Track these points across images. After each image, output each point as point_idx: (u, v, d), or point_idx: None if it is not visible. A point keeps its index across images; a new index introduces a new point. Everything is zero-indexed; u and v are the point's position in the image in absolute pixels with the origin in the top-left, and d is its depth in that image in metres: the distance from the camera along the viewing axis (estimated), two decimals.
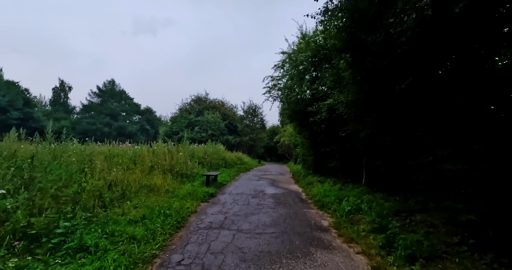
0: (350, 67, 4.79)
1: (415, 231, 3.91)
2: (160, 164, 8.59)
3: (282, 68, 12.59)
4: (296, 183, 11.07)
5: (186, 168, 9.59)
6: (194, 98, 37.36)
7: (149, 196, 5.76)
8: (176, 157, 10.25)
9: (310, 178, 11.42)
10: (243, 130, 34.48)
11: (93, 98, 48.65)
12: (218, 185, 8.63)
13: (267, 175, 13.67)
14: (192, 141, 23.94)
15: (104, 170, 5.75)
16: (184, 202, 5.50)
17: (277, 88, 13.04)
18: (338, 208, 5.75)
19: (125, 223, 3.77)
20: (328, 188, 8.42)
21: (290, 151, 33.75)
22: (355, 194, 7.10)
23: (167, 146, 11.95)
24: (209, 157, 13.30)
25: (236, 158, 18.24)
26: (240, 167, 15.62)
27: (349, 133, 8.54)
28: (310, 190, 8.69)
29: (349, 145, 9.07)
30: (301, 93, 10.44)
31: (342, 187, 8.71)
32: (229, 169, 14.02)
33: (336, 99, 6.80)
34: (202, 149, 13.90)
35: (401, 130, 5.04)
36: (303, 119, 11.79)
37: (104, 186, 4.90)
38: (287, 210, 5.75)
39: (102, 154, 8.30)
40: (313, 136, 11.28)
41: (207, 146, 15.79)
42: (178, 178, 8.27)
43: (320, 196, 7.25)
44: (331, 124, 9.51)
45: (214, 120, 32.66)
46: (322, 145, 10.63)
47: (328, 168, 11.21)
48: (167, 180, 7.54)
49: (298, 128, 13.39)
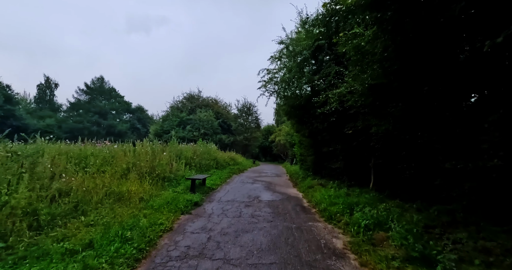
0: (380, 31, 3.53)
1: (471, 260, 2.82)
2: (139, 165, 7.36)
3: (279, 60, 11.45)
4: (295, 187, 9.97)
5: (170, 171, 8.37)
6: (187, 96, 35.99)
7: (114, 207, 4.55)
8: (159, 158, 9.03)
9: (310, 180, 10.33)
10: (237, 129, 33.29)
11: (80, 96, 46.69)
12: (206, 190, 7.44)
13: (262, 177, 12.54)
14: (184, 140, 22.69)
15: (56, 176, 4.50)
16: (158, 216, 4.31)
17: (273, 82, 11.90)
18: (351, 221, 4.65)
19: (57, 256, 2.57)
20: (332, 193, 7.33)
21: (285, 150, 32.73)
22: (366, 201, 6.03)
23: (151, 145, 10.73)
24: (198, 158, 12.08)
25: (229, 158, 17.05)
26: (233, 168, 14.44)
27: (356, 130, 7.48)
28: (312, 195, 7.59)
29: (356, 144, 8.01)
30: (300, 86, 9.32)
31: (348, 192, 7.64)
32: (220, 171, 12.83)
33: (348, 87, 5.66)
34: (191, 149, 12.67)
35: (448, 125, 3.88)
36: (302, 115, 10.69)
37: (46, 199, 3.67)
38: (288, 224, 4.61)
39: (71, 155, 7.09)
40: (313, 134, 10.19)
41: (198, 146, 14.57)
42: (159, 183, 7.05)
43: (325, 203, 6.15)
44: (336, 120, 8.43)
45: (207, 118, 31.37)
46: (324, 144, 9.54)
47: (329, 169, 10.14)
48: (144, 185, 6.32)
49: (296, 125, 12.29)
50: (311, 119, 9.64)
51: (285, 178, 12.91)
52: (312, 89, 9.34)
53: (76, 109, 46.98)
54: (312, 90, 9.44)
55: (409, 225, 4.07)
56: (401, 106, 4.16)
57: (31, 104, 45.52)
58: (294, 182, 11.11)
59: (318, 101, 7.30)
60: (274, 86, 12.16)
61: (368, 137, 7.53)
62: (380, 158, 7.62)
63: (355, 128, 7.49)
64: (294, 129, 13.25)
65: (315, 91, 9.25)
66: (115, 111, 53.12)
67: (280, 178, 12.47)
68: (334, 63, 8.12)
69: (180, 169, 9.12)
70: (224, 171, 13.03)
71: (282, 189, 8.95)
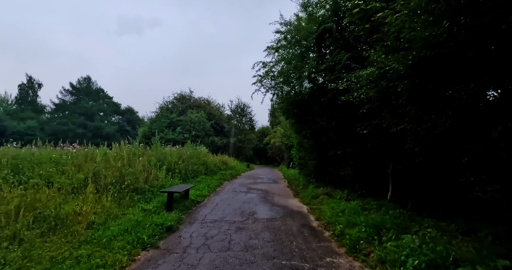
0: None
1: None
2: (103, 174, 5.82)
3: (276, 51, 10.07)
4: (296, 196, 8.54)
5: (146, 180, 6.83)
6: (177, 96, 34.28)
7: (38, 242, 3.02)
8: (135, 164, 7.50)
9: (313, 189, 8.93)
10: (230, 130, 31.78)
11: (65, 96, 44.44)
12: (188, 205, 5.93)
13: (257, 184, 11.08)
14: (174, 143, 21.02)
15: None
16: (100, 258, 2.81)
17: (270, 76, 10.51)
18: (388, 256, 3.25)
19: None
20: (345, 207, 5.95)
21: (280, 153, 31.41)
22: (393, 220, 4.66)
23: (129, 148, 9.21)
24: (185, 163, 10.54)
25: (220, 162, 15.53)
26: (224, 174, 12.93)
27: (372, 129, 6.15)
28: (319, 209, 6.18)
29: (370, 147, 6.66)
30: (302, 78, 7.92)
31: (363, 205, 6.27)
32: (210, 177, 11.31)
33: (379, 68, 4.26)
34: (177, 153, 11.13)
35: None
36: (303, 113, 9.31)
37: None
38: (298, 263, 3.17)
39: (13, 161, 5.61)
40: (317, 134, 8.81)
41: (186, 148, 13.02)
42: (127, 197, 5.51)
43: (340, 223, 4.75)
44: (346, 117, 7.07)
45: (198, 119, 29.76)
46: (330, 147, 8.17)
47: (336, 176, 8.76)
48: (103, 201, 4.79)
49: (295, 125, 10.91)
50: (315, 117, 8.27)
51: (283, 184, 11.49)
52: (316, 81, 7.97)
53: (61, 111, 44.69)
54: (316, 83, 8.07)
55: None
56: (473, 90, 2.75)
57: (12, 105, 43.01)
58: (294, 190, 9.69)
59: (336, 87, 5.84)
60: (270, 81, 10.78)
61: (386, 138, 6.20)
62: (401, 163, 6.29)
63: (370, 127, 6.16)
64: (293, 130, 11.87)
65: (320, 86, 7.91)
66: (103, 113, 50.99)
67: (277, 185, 11.04)
68: (343, 50, 6.76)
69: (160, 178, 7.58)
70: (215, 177, 11.52)
71: (281, 201, 7.51)
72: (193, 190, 7.81)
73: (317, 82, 8.32)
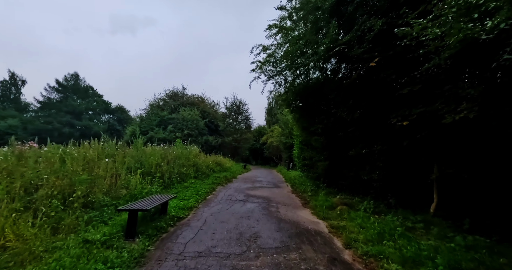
0: None
1: None
2: (40, 184, 4.08)
3: (280, 31, 8.41)
4: (306, 206, 6.89)
5: (109, 189, 5.10)
6: (169, 93, 32.40)
7: None
8: (102, 168, 5.78)
9: (325, 196, 7.31)
10: (225, 129, 30.03)
11: (51, 94, 42.07)
12: (163, 225, 4.21)
13: (257, 189, 9.41)
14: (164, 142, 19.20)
15: None
16: None
17: (271, 62, 8.85)
18: None
19: None
20: (381, 225, 4.35)
21: (278, 153, 29.79)
22: (473, 255, 3.05)
23: (100, 147, 7.52)
24: (170, 165, 8.81)
25: (214, 163, 13.81)
26: (218, 177, 11.21)
27: (414, 120, 4.59)
28: (345, 229, 4.54)
29: (408, 145, 5.06)
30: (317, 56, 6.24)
31: (403, 222, 4.68)
32: (201, 181, 9.59)
33: None
34: (161, 152, 9.39)
35: None
36: (314, 103, 7.68)
37: None
38: None
39: None
40: (331, 130, 7.18)
41: (173, 148, 11.28)
42: (73, 216, 3.78)
43: (391, 258, 3.11)
44: (374, 105, 5.47)
45: (191, 118, 27.95)
46: (350, 145, 6.55)
47: (353, 180, 7.17)
48: (20, 228, 3.06)
49: (301, 120, 9.27)
50: (331, 108, 6.64)
51: (287, 189, 9.84)
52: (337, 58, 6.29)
53: (46, 109, 42.25)
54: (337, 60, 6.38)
55: None
56: None
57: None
58: (301, 198, 8.04)
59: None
60: (272, 67, 9.13)
61: (433, 132, 4.61)
62: (452, 165, 4.70)
63: (412, 118, 4.57)
64: (297, 126, 10.22)
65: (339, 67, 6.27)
66: (92, 111, 48.71)
67: (280, 191, 9.38)
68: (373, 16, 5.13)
69: (133, 185, 5.83)
70: (206, 181, 9.80)
71: (289, 213, 5.85)
72: (177, 200, 6.10)
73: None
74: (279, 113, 30.94)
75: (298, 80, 8.65)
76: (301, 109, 8.86)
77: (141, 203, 3.92)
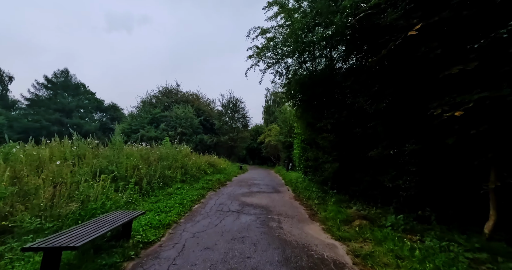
0: None
1: None
2: None
3: (282, 10, 7.12)
4: (313, 218, 5.63)
5: (47, 203, 3.77)
6: (162, 90, 30.93)
7: None
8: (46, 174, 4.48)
9: (336, 205, 6.07)
10: (221, 128, 28.69)
11: (39, 91, 40.30)
12: (118, 258, 2.91)
13: (253, 195, 8.13)
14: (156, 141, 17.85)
15: None
16: None
17: (271, 47, 7.57)
18: None
19: None
20: (423, 253, 3.10)
21: (276, 153, 28.57)
22: None
23: (69, 147, 6.32)
24: (151, 167, 7.49)
25: (206, 164, 12.49)
26: (210, 180, 9.90)
27: (472, 109, 3.36)
28: (374, 257, 3.29)
29: (453, 144, 3.82)
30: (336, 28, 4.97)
31: (448, 247, 3.44)
32: (189, 186, 8.29)
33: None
34: (143, 152, 8.07)
35: None
36: (324, 94, 6.43)
37: None
38: None
39: None
40: (344, 125, 5.93)
41: (159, 148, 9.96)
42: None
43: None
44: (409, 91, 4.22)
45: (185, 115, 26.57)
46: (368, 143, 5.31)
47: (371, 186, 5.93)
48: None
49: (305, 115, 8.01)
50: (347, 97, 5.38)
51: (288, 194, 8.57)
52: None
53: (35, 106, 40.46)
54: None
55: None
56: None
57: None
58: (306, 206, 6.78)
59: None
60: (272, 54, 7.88)
61: (495, 127, 3.39)
62: None
63: (468, 106, 3.34)
64: (301, 122, 8.96)
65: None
66: (83, 109, 47.00)
67: (281, 197, 8.11)
68: None
69: (93, 195, 4.50)
70: (196, 186, 8.49)
71: (295, 231, 4.58)
72: (152, 213, 4.80)
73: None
74: (277, 111, 29.72)
75: (304, 67, 7.39)
76: (306, 102, 7.61)
77: (80, 230, 2.62)
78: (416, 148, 4.18)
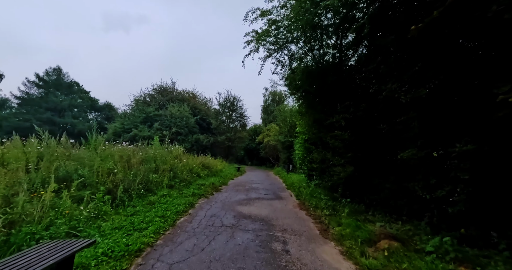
0: None
1: None
2: None
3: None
4: (326, 235, 4.54)
5: None
6: (157, 88, 29.77)
7: None
8: None
9: (351, 217, 5.00)
10: (218, 127, 27.57)
11: (30, 89, 38.93)
12: None
13: (252, 203, 7.03)
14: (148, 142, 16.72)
15: None
16: None
17: (272, 32, 6.50)
18: None
19: None
20: None
21: (275, 153, 27.48)
22: None
23: (34, 147, 5.21)
24: (132, 170, 6.37)
25: (199, 166, 11.37)
26: (203, 185, 8.79)
27: None
28: None
29: None
30: None
31: None
32: (177, 192, 7.17)
33: None
34: (121, 154, 6.95)
35: None
36: (332, 85, 5.35)
37: None
38: None
39: None
40: (361, 121, 4.87)
41: (150, 147, 8.85)
42: None
43: None
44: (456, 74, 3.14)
45: (180, 114, 25.43)
46: (395, 142, 4.24)
47: (394, 195, 4.87)
48: None
49: (311, 110, 6.93)
50: (369, 84, 4.30)
51: (291, 201, 7.48)
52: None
53: (25, 105, 39.08)
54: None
55: None
56: None
57: None
58: (314, 217, 5.68)
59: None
60: (274, 39, 6.81)
61: None
62: None
63: None
64: (306, 119, 7.87)
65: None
66: (76, 108, 45.69)
67: (284, 205, 7.02)
68: None
69: (32, 215, 3.38)
70: (185, 192, 7.38)
71: (306, 257, 3.49)
72: (121, 232, 3.70)
73: None
74: (277, 109, 28.67)
75: (310, 55, 6.31)
76: (313, 95, 6.54)
77: None
78: (470, 149, 3.10)
